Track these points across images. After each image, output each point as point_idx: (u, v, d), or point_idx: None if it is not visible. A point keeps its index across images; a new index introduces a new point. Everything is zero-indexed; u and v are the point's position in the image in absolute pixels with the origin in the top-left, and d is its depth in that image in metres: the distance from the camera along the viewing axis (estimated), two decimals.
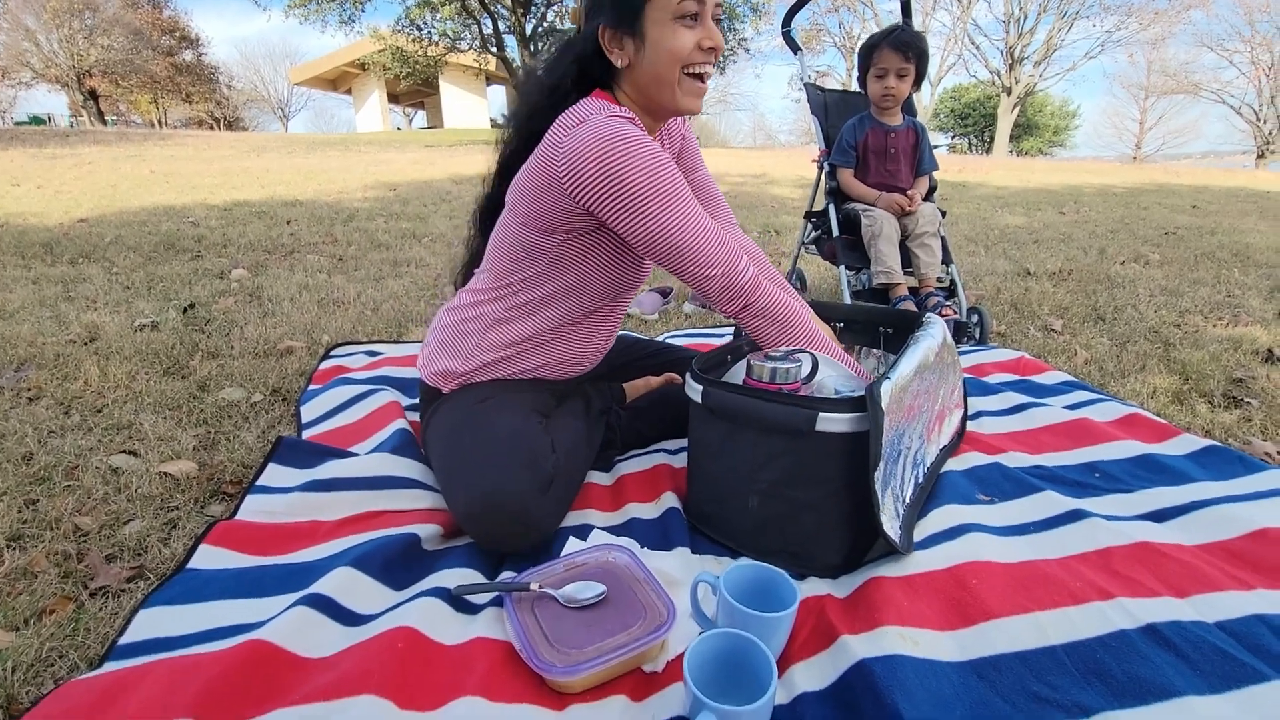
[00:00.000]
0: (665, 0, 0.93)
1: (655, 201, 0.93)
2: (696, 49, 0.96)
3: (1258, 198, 6.90)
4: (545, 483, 0.95)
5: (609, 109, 0.97)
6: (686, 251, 0.97)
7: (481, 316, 1.13)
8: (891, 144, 2.10)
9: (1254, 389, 1.61)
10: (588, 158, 0.92)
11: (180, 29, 28.23)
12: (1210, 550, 0.95)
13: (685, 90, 0.99)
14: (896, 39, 1.96)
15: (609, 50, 0.99)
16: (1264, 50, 27.26)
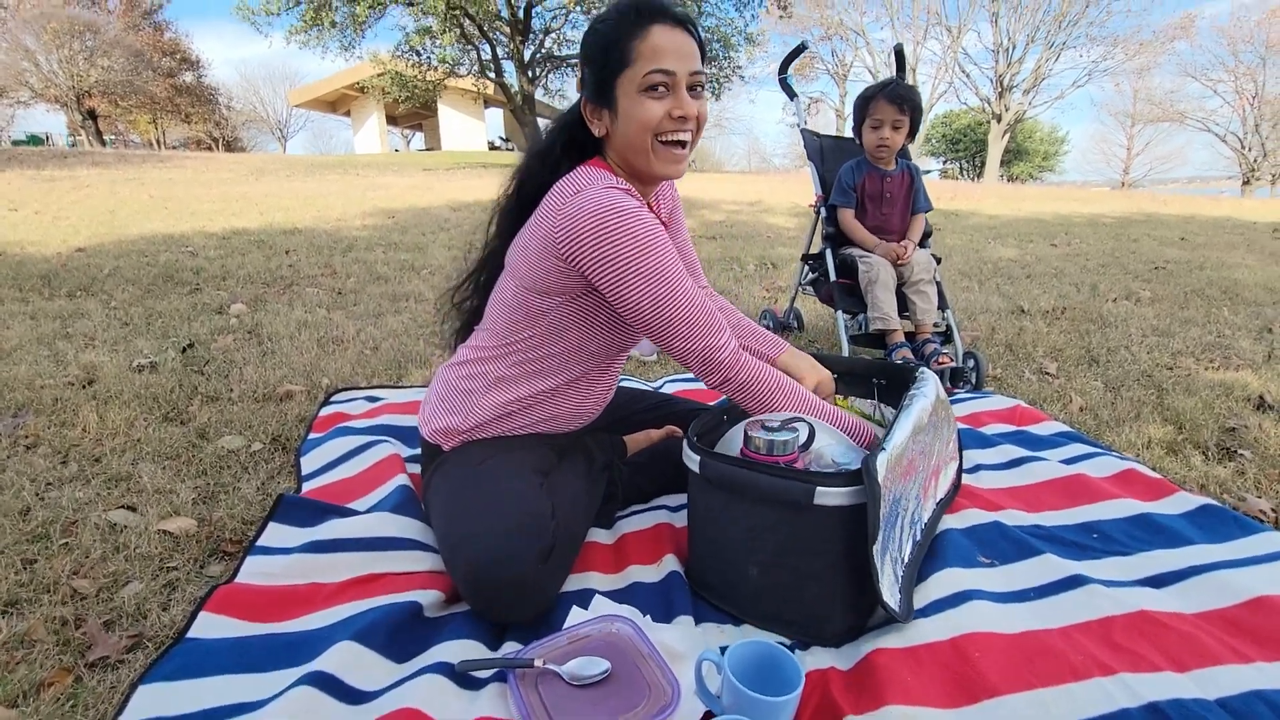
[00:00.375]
0: (632, 74, 0.97)
1: (645, 273, 0.95)
2: (666, 118, 0.99)
3: (1244, 228, 7.02)
4: (545, 552, 0.95)
5: (606, 179, 1.01)
6: (670, 324, 0.99)
7: (483, 375, 1.14)
8: (887, 189, 2.15)
9: (1246, 439, 1.63)
10: (584, 225, 0.95)
11: (181, 51, 28.51)
12: (1209, 619, 0.96)
13: (660, 157, 1.02)
14: (892, 92, 2.02)
15: (590, 120, 1.05)
16: (1248, 80, 27.92)
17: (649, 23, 0.96)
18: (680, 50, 0.97)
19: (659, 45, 0.96)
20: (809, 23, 29.35)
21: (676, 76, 0.97)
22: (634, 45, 0.96)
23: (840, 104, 32.88)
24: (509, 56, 16.06)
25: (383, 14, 14.43)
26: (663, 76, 0.96)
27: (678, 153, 1.03)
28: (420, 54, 15.32)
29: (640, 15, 0.97)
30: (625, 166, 1.06)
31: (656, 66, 0.96)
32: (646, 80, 0.96)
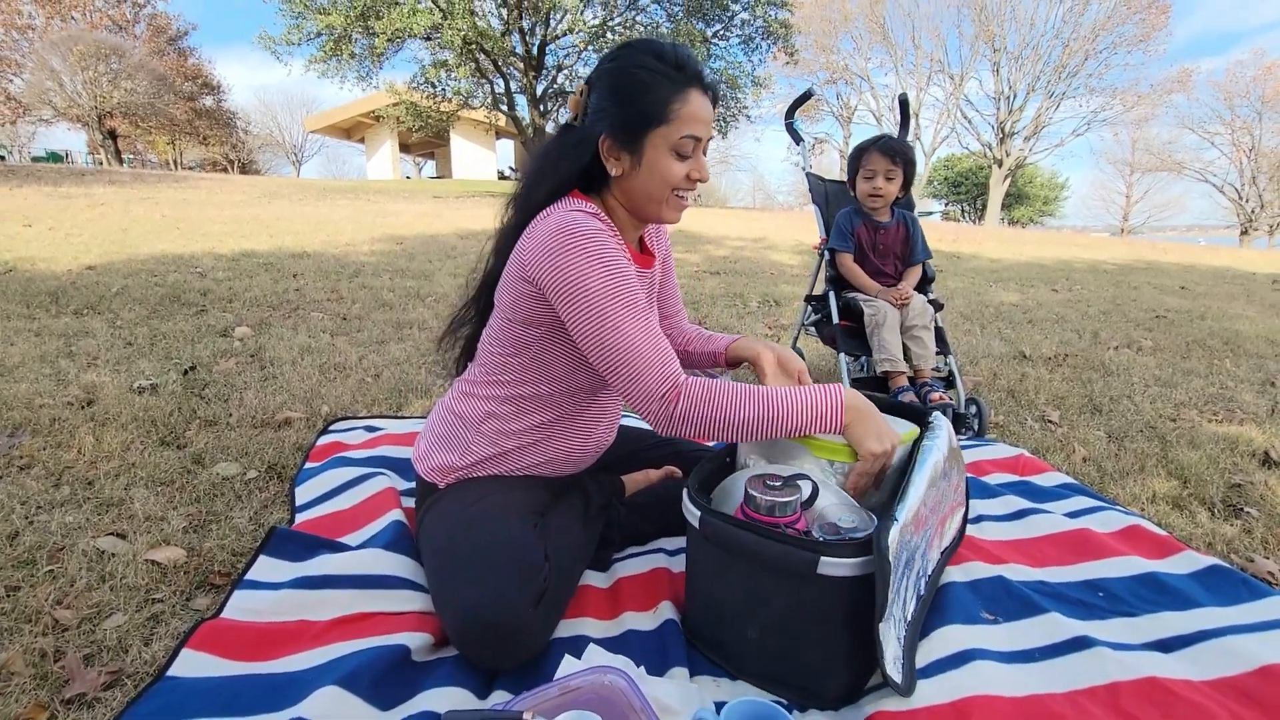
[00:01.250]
0: (667, 132, 0.99)
1: (590, 291, 0.95)
2: (685, 178, 1.03)
3: (1244, 279, 7.06)
4: (536, 597, 0.93)
5: (577, 204, 1.03)
6: (610, 351, 0.96)
7: (475, 410, 1.14)
8: (880, 240, 2.19)
9: (1253, 496, 1.61)
10: (544, 243, 0.97)
11: (203, 76, 29.23)
12: (1218, 688, 0.93)
13: (671, 206, 1.06)
14: (885, 145, 2.09)
15: (606, 158, 1.04)
16: (1244, 133, 28.43)
17: (690, 86, 0.99)
18: (709, 117, 1.03)
19: (697, 112, 1.00)
20: (815, 67, 30.08)
21: (702, 142, 1.02)
22: (675, 106, 0.98)
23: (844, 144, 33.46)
24: (522, 90, 16.45)
25: (401, 47, 14.83)
26: (693, 143, 1.01)
27: (684, 203, 1.08)
28: (436, 86, 15.70)
29: (684, 76, 0.99)
30: (628, 205, 1.08)
31: (692, 133, 1.00)
32: (681, 143, 1.00)
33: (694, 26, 14.55)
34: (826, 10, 29.33)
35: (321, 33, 14.01)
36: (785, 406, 0.96)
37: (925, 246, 2.23)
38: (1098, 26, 25.48)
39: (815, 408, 0.96)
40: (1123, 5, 24.93)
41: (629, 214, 1.09)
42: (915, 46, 29.66)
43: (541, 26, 15.59)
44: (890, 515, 0.88)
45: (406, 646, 0.94)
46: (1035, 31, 26.69)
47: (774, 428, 0.96)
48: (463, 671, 0.92)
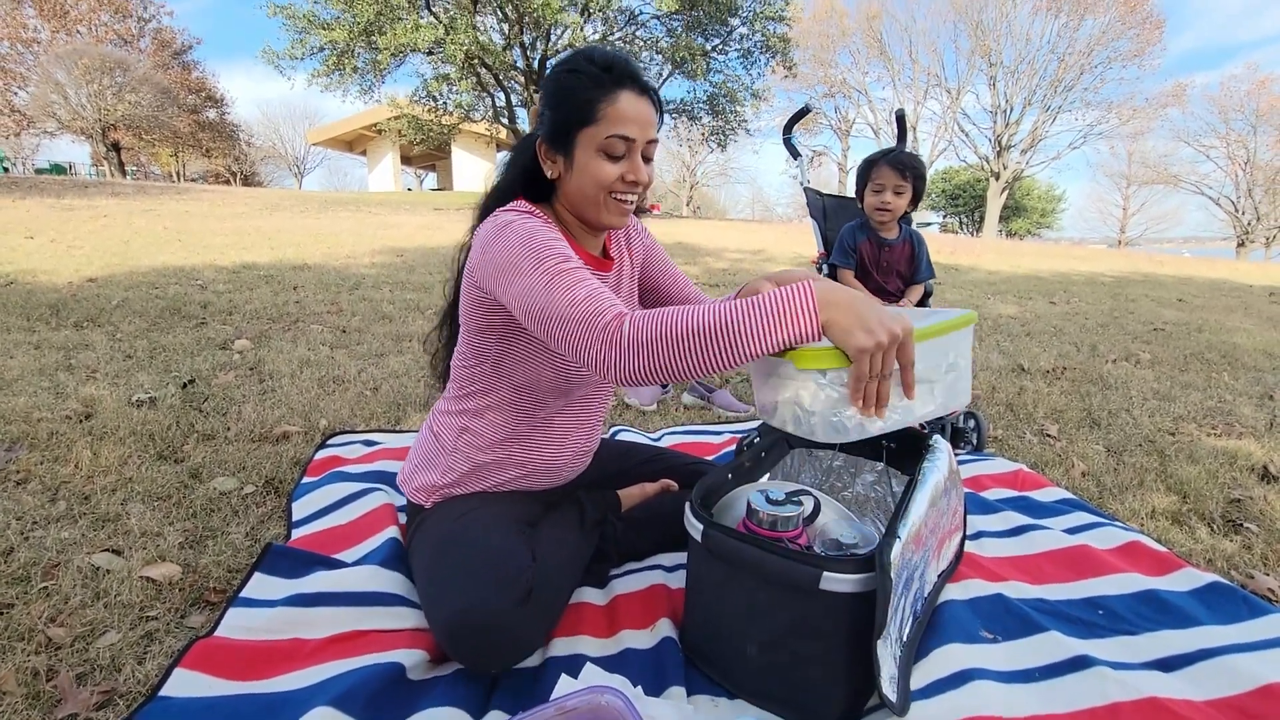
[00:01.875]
0: (594, 132, 0.98)
1: (518, 262, 0.91)
2: (619, 180, 1.01)
3: (1241, 291, 7.08)
4: (522, 594, 0.94)
5: (514, 206, 1.03)
6: (545, 307, 0.87)
7: (449, 427, 1.15)
8: (885, 258, 2.14)
9: (1252, 511, 1.61)
10: (480, 243, 0.99)
11: (207, 89, 29.49)
12: (1219, 708, 0.92)
13: (610, 209, 1.03)
14: (895, 158, 2.04)
15: (543, 161, 1.05)
16: (1239, 146, 28.64)
17: (618, 87, 0.97)
18: (642, 119, 0.99)
19: (624, 111, 0.97)
20: (813, 81, 30.38)
21: (635, 143, 0.99)
22: (600, 106, 0.97)
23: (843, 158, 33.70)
24: (523, 104, 16.59)
25: (403, 61, 14.99)
26: (623, 143, 0.98)
27: (624, 206, 1.05)
28: (437, 99, 15.85)
29: (612, 78, 0.97)
30: (573, 211, 1.07)
31: (619, 132, 0.97)
32: (607, 144, 0.98)
33: (693, 41, 14.72)
34: (824, 25, 29.66)
35: (325, 47, 14.18)
36: (745, 315, 0.79)
37: (930, 266, 2.19)
38: (1092, 41, 25.75)
39: (779, 310, 0.79)
40: (1117, 21, 25.23)
41: (578, 220, 1.09)
42: (912, 61, 29.96)
43: (542, 41, 15.76)
44: (893, 532, 0.87)
45: (401, 665, 0.93)
46: (1031, 46, 26.98)
47: (735, 344, 0.79)
48: (458, 690, 0.91)
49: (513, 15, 14.53)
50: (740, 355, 0.79)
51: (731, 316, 0.79)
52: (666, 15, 15.24)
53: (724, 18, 14.88)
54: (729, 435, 2.00)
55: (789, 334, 0.79)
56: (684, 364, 0.80)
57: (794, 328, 0.79)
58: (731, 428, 2.09)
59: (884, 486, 1.33)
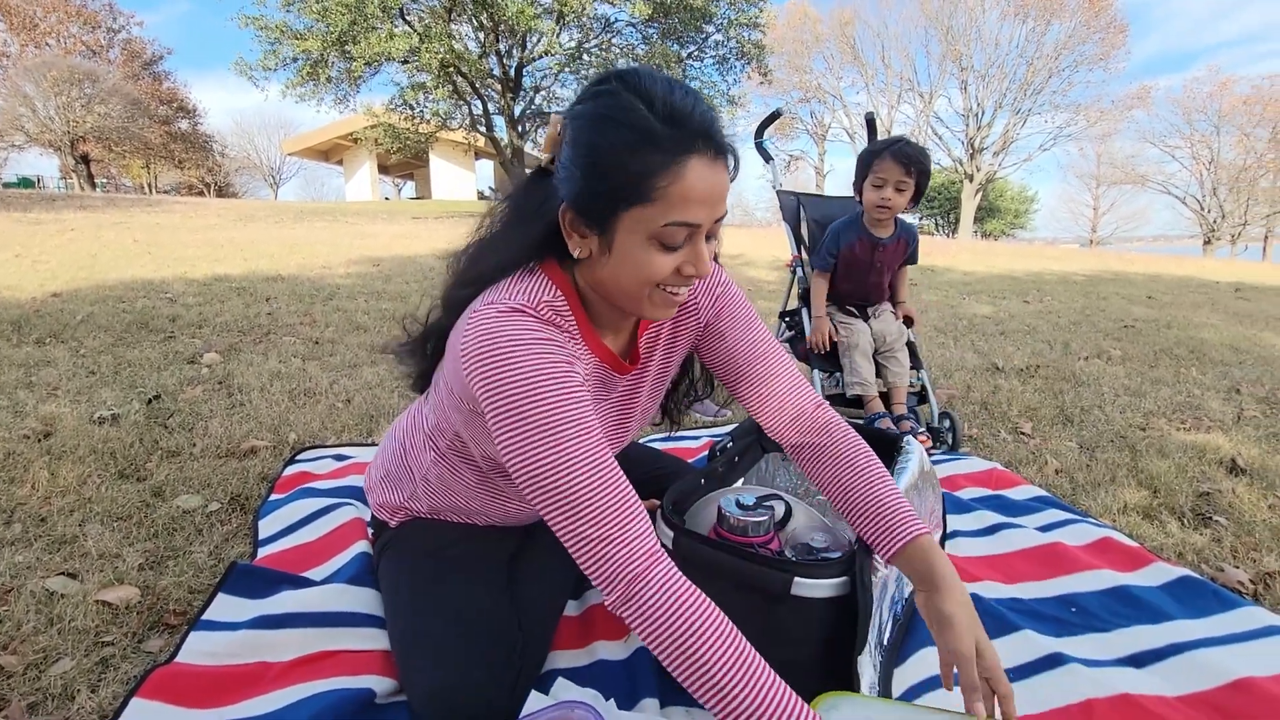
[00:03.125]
0: (647, 215, 0.71)
1: (520, 422, 0.72)
2: (675, 274, 0.76)
3: (1207, 288, 7.26)
4: (513, 680, 0.88)
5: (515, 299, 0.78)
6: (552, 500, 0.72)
7: (421, 449, 1.01)
8: (878, 258, 2.06)
9: (1221, 504, 1.63)
10: (467, 354, 0.75)
11: (179, 100, 29.08)
12: (1191, 703, 0.93)
13: (653, 303, 0.79)
14: (900, 151, 1.86)
15: (568, 234, 0.78)
16: (1203, 146, 29.44)
17: (688, 153, 0.70)
18: (714, 195, 0.73)
19: (693, 189, 0.71)
20: (788, 86, 30.71)
21: (701, 229, 0.74)
22: (660, 182, 0.70)
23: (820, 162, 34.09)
24: (500, 112, 16.55)
25: (378, 70, 14.87)
26: (685, 231, 0.73)
27: (675, 299, 0.80)
28: (413, 108, 15.75)
29: (681, 135, 0.70)
30: (603, 295, 0.82)
31: (683, 219, 0.72)
32: (665, 232, 0.72)
33: (668, 48, 14.80)
34: (798, 31, 30.01)
35: (298, 58, 14.02)
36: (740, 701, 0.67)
37: (916, 253, 2.13)
38: (1059, 46, 26.36)
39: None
40: (1083, 25, 25.85)
41: (605, 302, 0.84)
42: (885, 66, 30.41)
43: (518, 49, 15.75)
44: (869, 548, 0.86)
45: (371, 690, 0.90)
46: (1000, 51, 27.53)
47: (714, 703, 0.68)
48: None
49: (488, 23, 14.50)
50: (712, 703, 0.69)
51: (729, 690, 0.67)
52: (642, 23, 15.31)
53: (698, 24, 14.99)
54: (706, 439, 1.99)
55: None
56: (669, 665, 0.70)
57: None
58: (709, 432, 2.08)
59: None
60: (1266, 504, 1.63)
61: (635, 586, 0.70)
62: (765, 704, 0.66)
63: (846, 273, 2.11)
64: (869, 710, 0.76)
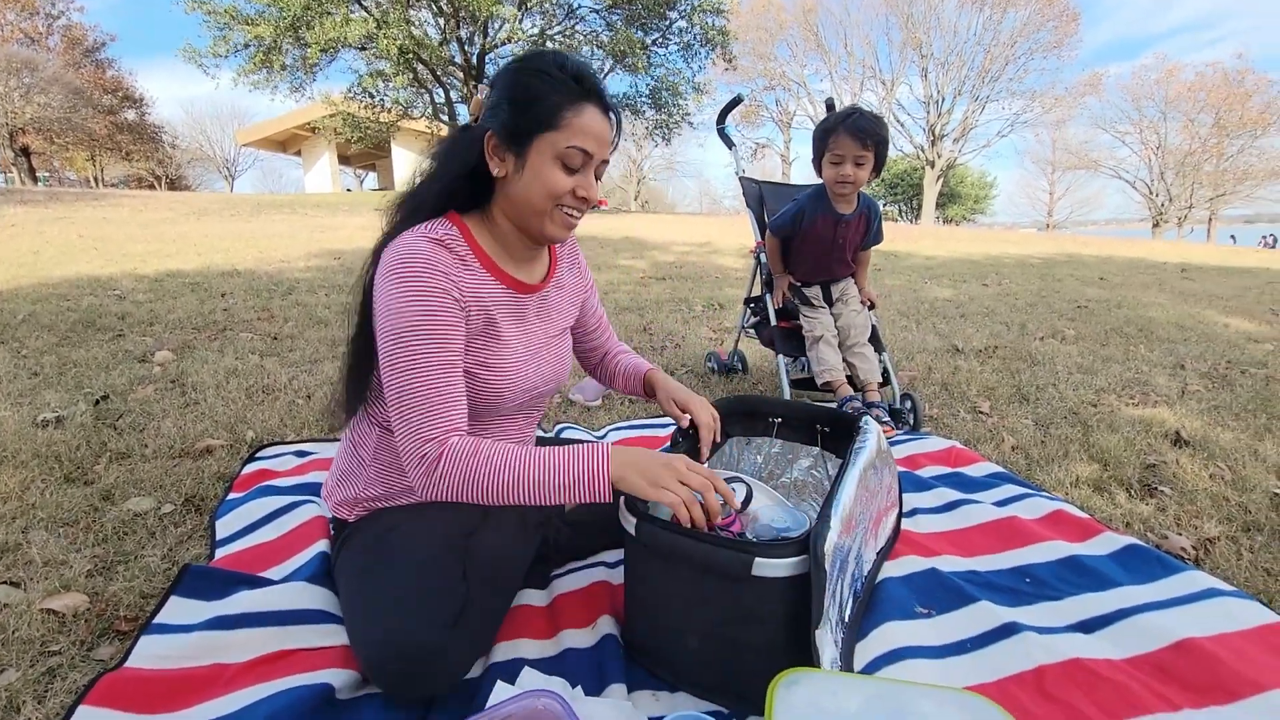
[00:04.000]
0: (555, 139, 0.94)
1: (392, 326, 0.91)
2: (571, 194, 0.98)
3: (1155, 269, 7.53)
4: (452, 617, 0.89)
5: (431, 229, 0.97)
6: (396, 389, 0.91)
7: (368, 436, 1.08)
8: (840, 234, 2.05)
9: (1166, 475, 1.70)
10: (382, 270, 0.94)
11: (124, 89, 27.82)
12: (1137, 664, 0.97)
13: (555, 221, 1.00)
14: (854, 124, 1.82)
15: (491, 157, 0.98)
16: (1151, 132, 30.45)
17: (587, 100, 0.95)
18: (602, 136, 0.98)
19: (589, 125, 0.95)
20: (753, 73, 30.75)
21: (592, 159, 0.98)
22: (566, 114, 0.94)
23: (785, 149, 34.30)
24: (463, 100, 16.24)
25: (335, 57, 14.45)
26: (581, 156, 0.96)
27: (571, 220, 1.02)
28: (373, 96, 15.36)
29: (582, 89, 0.95)
30: (515, 218, 1.01)
31: (580, 145, 0.95)
32: (566, 153, 0.95)
33: (633, 34, 14.67)
34: (762, 18, 30.03)
35: (250, 44, 13.53)
36: (547, 466, 0.89)
37: (880, 231, 2.14)
38: (1015, 34, 26.92)
39: (578, 465, 0.89)
40: (1037, 14, 26.41)
41: (516, 230, 1.03)
42: (848, 53, 30.68)
43: (480, 35, 15.45)
44: (825, 518, 0.88)
45: (330, 685, 0.89)
46: (959, 39, 28.00)
47: (536, 489, 0.89)
48: (391, 708, 0.88)
49: (448, 9, 14.18)
50: (541, 503, 0.91)
51: (536, 471, 0.89)
52: (605, 9, 15.15)
53: (662, 11, 14.89)
54: (675, 427, 1.99)
55: (585, 489, 0.88)
56: (490, 502, 0.91)
57: (590, 483, 0.89)
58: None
59: (820, 470, 1.35)
60: (1207, 474, 1.70)
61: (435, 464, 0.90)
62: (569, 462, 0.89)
63: (809, 249, 2.12)
64: (828, 684, 0.77)
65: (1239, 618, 1.05)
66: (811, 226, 2.04)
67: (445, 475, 0.89)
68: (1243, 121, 27.09)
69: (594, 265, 6.09)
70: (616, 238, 9.13)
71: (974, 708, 0.75)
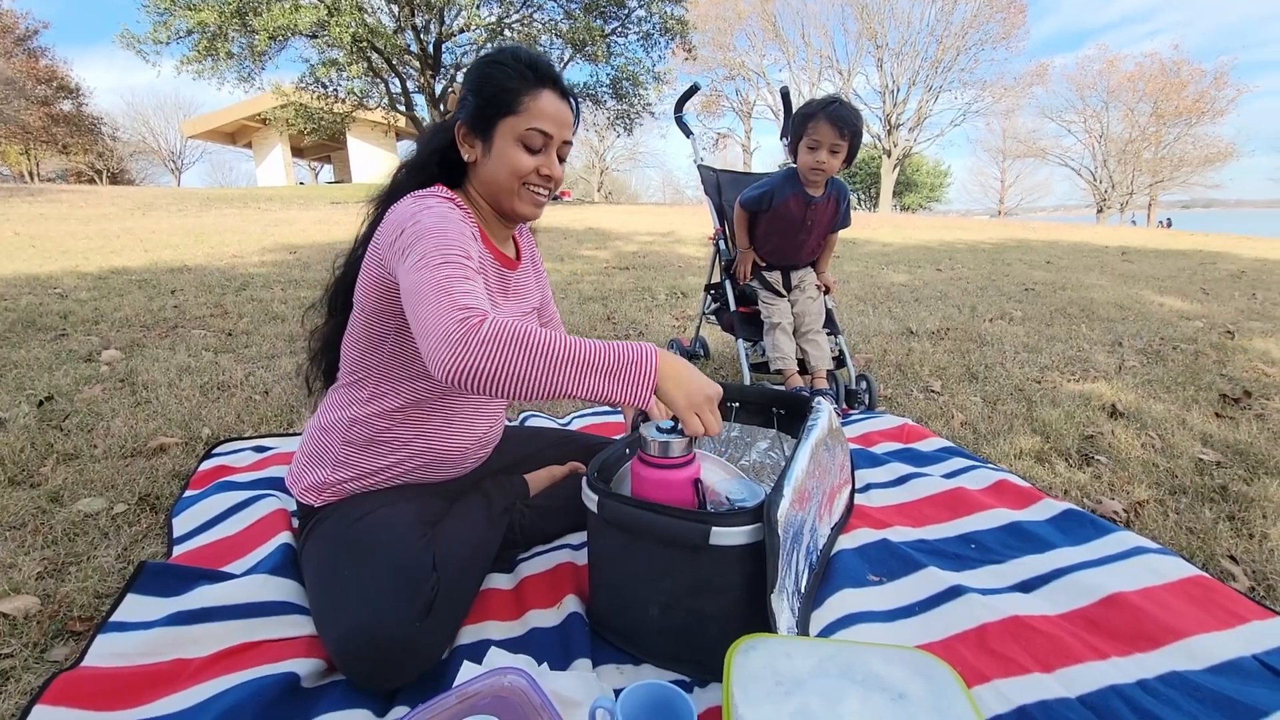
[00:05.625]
0: (515, 123, 1.02)
1: (428, 247, 0.88)
2: (535, 173, 1.05)
3: (1098, 252, 7.85)
4: (424, 608, 0.90)
5: (433, 191, 1.03)
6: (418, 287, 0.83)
7: (340, 418, 1.09)
8: (810, 216, 2.09)
9: (1102, 445, 1.80)
10: (396, 216, 0.96)
11: (59, 78, 26.40)
12: (1071, 619, 1.04)
13: (523, 199, 1.07)
14: (833, 113, 1.86)
15: (461, 144, 1.07)
16: (1094, 121, 31.59)
17: (543, 86, 1.03)
18: (560, 118, 1.05)
19: (545, 108, 1.02)
20: (713, 63, 30.84)
21: (552, 140, 1.05)
22: (524, 99, 1.01)
23: (746, 139, 34.52)
24: (420, 90, 15.91)
25: (284, 45, 13.97)
26: (541, 137, 1.03)
27: (539, 198, 1.09)
28: (326, 86, 14.92)
29: (538, 76, 1.03)
30: (487, 197, 1.09)
31: (539, 126, 1.02)
32: (526, 135, 1.02)
33: (592, 23, 14.56)
34: (720, 8, 30.08)
35: (193, 30, 12.97)
36: (596, 348, 0.83)
37: (848, 214, 2.18)
38: (966, 25, 27.57)
39: (627, 355, 0.83)
40: (986, 5, 27.08)
41: (491, 209, 1.10)
42: (805, 44, 30.99)
43: (436, 23, 15.13)
44: (779, 489, 0.92)
45: (295, 674, 0.89)
46: (912, 29, 28.54)
47: (582, 368, 0.81)
48: (359, 693, 0.88)
49: None
50: (574, 389, 0.81)
51: (585, 352, 0.81)
52: None
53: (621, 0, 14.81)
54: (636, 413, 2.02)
55: (628, 388, 0.83)
56: (527, 375, 0.79)
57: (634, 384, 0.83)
58: None
59: (777, 452, 1.39)
60: (1139, 443, 1.81)
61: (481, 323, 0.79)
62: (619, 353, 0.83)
63: (777, 229, 2.14)
64: (783, 647, 0.81)
65: (1163, 573, 1.13)
66: (783, 205, 2.07)
67: (490, 336, 0.77)
68: (1178, 110, 28.34)
69: (558, 256, 6.07)
70: (580, 228, 9.09)
71: (919, 663, 0.79)
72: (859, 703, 0.73)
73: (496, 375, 0.77)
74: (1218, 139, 29.15)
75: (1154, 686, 0.90)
